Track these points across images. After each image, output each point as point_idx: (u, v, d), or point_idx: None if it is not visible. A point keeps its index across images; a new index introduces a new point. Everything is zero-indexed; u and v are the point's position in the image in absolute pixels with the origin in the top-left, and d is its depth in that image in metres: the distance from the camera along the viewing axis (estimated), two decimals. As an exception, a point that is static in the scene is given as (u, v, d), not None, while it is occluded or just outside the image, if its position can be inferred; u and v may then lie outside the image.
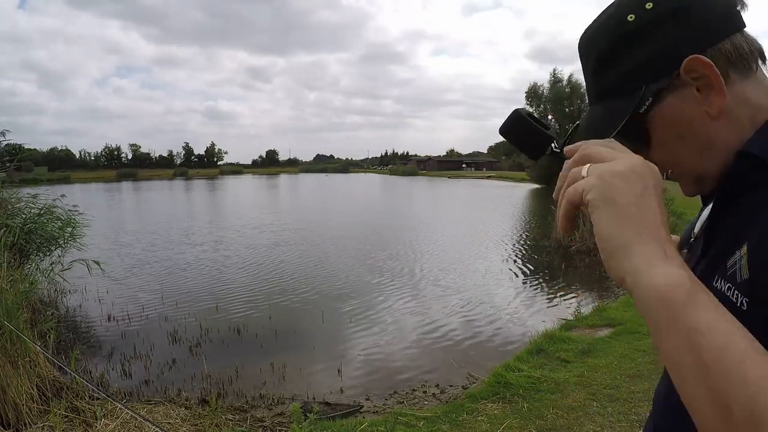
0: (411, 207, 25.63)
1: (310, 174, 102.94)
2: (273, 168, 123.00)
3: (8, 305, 3.65)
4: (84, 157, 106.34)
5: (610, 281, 8.37)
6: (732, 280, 0.50)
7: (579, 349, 4.66)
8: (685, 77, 0.55)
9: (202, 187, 49.42)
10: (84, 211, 7.53)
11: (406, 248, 12.05)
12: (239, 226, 16.82)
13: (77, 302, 7.53)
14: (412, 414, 3.66)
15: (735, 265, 0.50)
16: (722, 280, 0.52)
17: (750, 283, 0.47)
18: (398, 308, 7.23)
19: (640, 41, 0.57)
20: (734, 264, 0.51)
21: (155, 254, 11.72)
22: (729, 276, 0.51)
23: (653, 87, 0.57)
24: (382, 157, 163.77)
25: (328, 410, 4.07)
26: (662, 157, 0.60)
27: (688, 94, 0.56)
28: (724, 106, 0.54)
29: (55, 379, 3.86)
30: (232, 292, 8.16)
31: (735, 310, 0.46)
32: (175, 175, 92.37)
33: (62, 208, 7.06)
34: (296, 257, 11.14)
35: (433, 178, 64.60)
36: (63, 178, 67.69)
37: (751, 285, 0.47)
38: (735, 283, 0.50)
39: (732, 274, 0.51)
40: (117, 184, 61.08)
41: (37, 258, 6.43)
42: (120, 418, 3.51)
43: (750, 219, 0.51)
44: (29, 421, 3.32)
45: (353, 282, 8.84)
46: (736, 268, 0.50)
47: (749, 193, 0.53)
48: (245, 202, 29.96)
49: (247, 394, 4.54)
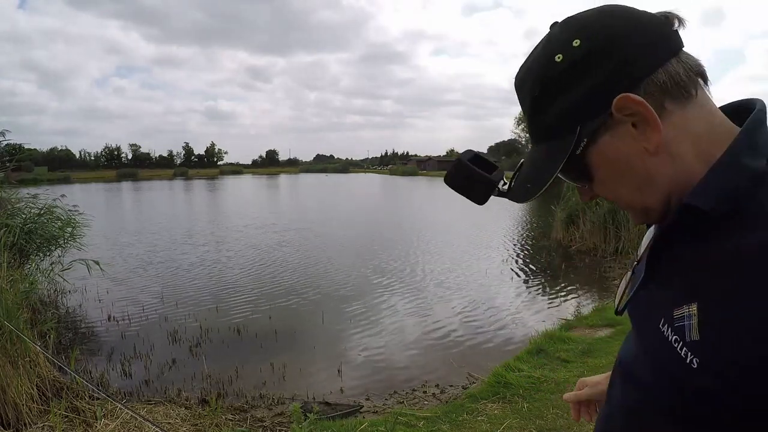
0: (411, 207, 25.63)
1: (310, 174, 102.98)
2: (273, 168, 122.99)
3: (8, 305, 3.66)
4: (84, 157, 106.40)
5: (610, 281, 8.37)
6: (680, 333, 0.51)
7: (579, 349, 4.66)
8: (618, 115, 0.54)
9: (201, 187, 49.43)
10: (84, 211, 7.54)
11: (406, 248, 12.05)
12: (240, 227, 16.82)
13: (77, 302, 7.53)
14: (412, 414, 3.66)
15: (684, 320, 0.51)
16: (669, 328, 0.53)
17: (701, 345, 0.48)
18: (398, 308, 7.23)
19: (570, 82, 0.56)
20: (683, 318, 0.51)
21: (155, 254, 11.72)
22: (677, 328, 0.52)
23: (588, 127, 0.56)
24: (382, 157, 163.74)
25: (328, 410, 4.07)
26: (603, 193, 0.60)
27: (624, 132, 0.55)
28: (661, 141, 0.53)
29: (55, 379, 3.86)
30: (232, 293, 8.16)
31: (683, 365, 0.49)
32: (175, 175, 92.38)
33: (62, 208, 7.07)
34: (296, 257, 11.13)
35: (433, 178, 64.58)
36: (63, 178, 67.69)
37: (702, 348, 0.48)
38: (683, 339, 0.50)
39: (680, 328, 0.51)
40: (117, 184, 61.08)
41: (37, 258, 6.43)
42: (120, 418, 3.51)
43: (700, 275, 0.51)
44: (29, 421, 3.33)
45: (353, 282, 8.84)
46: (684, 324, 0.51)
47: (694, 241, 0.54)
48: (245, 203, 29.97)
49: (247, 394, 4.54)
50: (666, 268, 0.58)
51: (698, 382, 0.48)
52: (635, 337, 0.64)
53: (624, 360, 0.67)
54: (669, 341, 0.52)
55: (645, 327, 0.60)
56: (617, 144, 0.55)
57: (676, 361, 0.50)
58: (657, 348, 0.54)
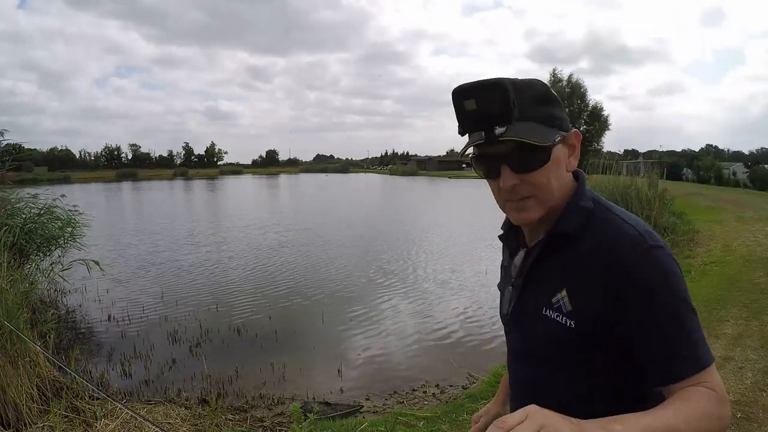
0: (410, 207, 25.62)
1: (310, 174, 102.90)
2: (273, 168, 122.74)
3: (8, 305, 3.65)
4: (84, 157, 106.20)
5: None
6: (559, 310, 0.86)
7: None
8: (569, 139, 0.88)
9: (201, 187, 49.41)
10: (84, 211, 7.53)
11: (407, 248, 12.05)
12: (241, 227, 16.83)
13: (77, 302, 7.53)
14: (412, 414, 3.66)
15: (559, 302, 0.86)
16: (550, 311, 0.88)
17: (572, 313, 0.85)
18: (398, 308, 7.23)
19: (557, 104, 0.88)
20: (558, 301, 0.86)
21: (155, 254, 11.72)
22: (556, 308, 0.87)
23: (561, 134, 0.86)
24: (382, 157, 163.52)
25: (328, 410, 4.07)
26: (544, 177, 0.85)
27: (566, 150, 0.88)
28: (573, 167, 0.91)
29: (55, 379, 3.86)
30: (232, 292, 8.16)
31: (565, 327, 0.85)
32: (175, 175, 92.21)
33: (62, 208, 7.05)
34: (296, 257, 11.14)
35: (433, 179, 64.56)
36: (63, 178, 67.58)
37: (573, 314, 0.84)
38: (562, 312, 0.86)
39: (558, 307, 0.86)
40: (117, 184, 61.06)
41: (37, 258, 6.42)
42: (120, 418, 3.50)
43: (564, 273, 0.87)
44: (29, 421, 3.32)
45: (353, 282, 8.84)
46: (561, 304, 0.86)
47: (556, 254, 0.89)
48: (245, 203, 29.96)
49: (247, 394, 4.54)
50: (538, 275, 0.92)
51: (576, 333, 0.84)
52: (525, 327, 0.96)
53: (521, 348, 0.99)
54: (553, 318, 0.87)
55: (534, 316, 0.91)
56: (562, 153, 0.88)
57: (560, 326, 0.86)
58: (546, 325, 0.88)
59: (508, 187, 0.84)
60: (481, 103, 0.80)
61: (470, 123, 0.83)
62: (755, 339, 4.21)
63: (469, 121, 0.83)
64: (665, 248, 0.83)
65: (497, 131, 0.81)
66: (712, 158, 38.47)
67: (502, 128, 0.80)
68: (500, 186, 0.85)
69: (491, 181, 0.89)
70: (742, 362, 3.77)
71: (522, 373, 1.01)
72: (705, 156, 43.77)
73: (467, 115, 0.82)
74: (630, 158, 41.85)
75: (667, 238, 9.30)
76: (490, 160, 0.86)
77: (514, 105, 0.80)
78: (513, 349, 1.05)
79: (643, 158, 42.05)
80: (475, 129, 0.84)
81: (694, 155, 50.51)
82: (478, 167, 0.90)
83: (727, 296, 5.51)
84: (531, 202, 0.86)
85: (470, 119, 0.82)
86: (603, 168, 11.53)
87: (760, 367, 3.66)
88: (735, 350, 4.01)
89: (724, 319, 4.75)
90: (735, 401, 3.19)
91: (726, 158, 64.80)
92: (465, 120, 0.83)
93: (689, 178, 34.39)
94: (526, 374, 0.99)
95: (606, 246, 0.82)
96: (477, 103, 0.80)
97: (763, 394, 3.27)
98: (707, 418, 0.73)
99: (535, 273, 0.92)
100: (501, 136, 0.81)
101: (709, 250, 8.24)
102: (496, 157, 0.84)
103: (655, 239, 0.83)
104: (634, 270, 0.79)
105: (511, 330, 1.05)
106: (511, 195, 0.86)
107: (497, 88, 0.79)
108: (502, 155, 0.83)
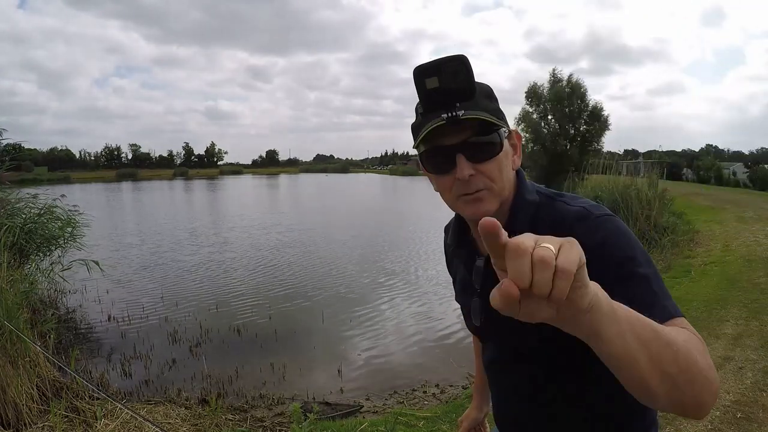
0: (410, 207, 25.61)
1: (310, 174, 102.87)
2: (273, 168, 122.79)
3: (8, 305, 3.65)
4: (84, 157, 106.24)
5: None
6: None
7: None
8: (512, 138, 0.91)
9: (202, 188, 49.39)
10: (84, 211, 7.53)
11: (407, 248, 12.05)
12: (241, 227, 16.83)
13: (77, 302, 7.53)
14: (412, 414, 3.66)
15: None
16: None
17: None
18: (398, 308, 7.23)
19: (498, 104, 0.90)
20: None
21: (155, 255, 11.72)
22: None
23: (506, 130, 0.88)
24: (382, 157, 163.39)
25: (328, 410, 4.07)
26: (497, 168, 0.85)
27: (511, 147, 0.90)
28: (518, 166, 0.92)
29: (55, 379, 3.86)
30: (232, 292, 8.16)
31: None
32: (175, 175, 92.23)
33: (62, 208, 7.05)
34: (296, 257, 11.13)
35: (433, 178, 64.56)
36: (63, 178, 67.59)
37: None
38: None
39: None
40: (117, 184, 61.04)
41: (37, 258, 6.41)
42: (120, 418, 3.50)
43: None
44: (29, 421, 3.32)
45: (353, 282, 8.84)
46: None
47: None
48: (245, 203, 29.96)
49: (247, 394, 4.53)
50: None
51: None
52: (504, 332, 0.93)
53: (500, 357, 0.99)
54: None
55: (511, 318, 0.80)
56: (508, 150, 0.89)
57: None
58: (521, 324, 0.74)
59: (465, 177, 0.83)
60: (444, 79, 0.78)
61: (432, 102, 0.81)
62: (755, 339, 4.20)
63: (431, 99, 0.81)
64: (613, 216, 0.85)
65: (459, 113, 0.80)
66: (712, 158, 38.48)
67: (461, 110, 0.80)
68: (456, 177, 0.84)
69: (442, 177, 0.87)
70: (742, 362, 3.77)
71: (508, 380, 1.01)
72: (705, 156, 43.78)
73: (429, 93, 0.80)
74: (630, 158, 41.81)
75: (667, 238, 9.30)
76: (444, 151, 0.84)
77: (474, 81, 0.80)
78: (492, 358, 1.04)
79: (643, 158, 42.02)
80: (437, 108, 0.81)
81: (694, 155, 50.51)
82: (428, 163, 0.89)
83: (727, 296, 5.51)
84: (485, 194, 0.85)
85: (432, 97, 0.80)
86: (603, 168, 11.54)
87: (760, 367, 3.66)
88: (735, 350, 4.01)
89: (724, 319, 4.75)
90: (735, 401, 3.19)
91: (726, 158, 64.78)
92: (427, 99, 0.81)
93: (689, 178, 34.38)
94: (513, 381, 0.99)
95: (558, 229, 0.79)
96: (440, 80, 0.79)
97: (763, 394, 3.26)
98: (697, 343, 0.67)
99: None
100: (464, 115, 0.80)
101: (709, 250, 8.24)
102: (450, 148, 0.83)
103: (601, 210, 0.85)
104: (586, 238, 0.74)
105: (487, 339, 1.04)
106: (465, 187, 0.84)
107: (459, 60, 0.78)
108: (457, 145, 0.83)
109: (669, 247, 8.89)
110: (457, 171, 0.83)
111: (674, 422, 3.01)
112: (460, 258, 1.05)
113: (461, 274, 1.05)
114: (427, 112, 0.84)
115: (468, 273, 1.00)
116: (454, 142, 0.83)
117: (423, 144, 0.87)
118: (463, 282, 1.05)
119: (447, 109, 0.80)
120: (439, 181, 0.89)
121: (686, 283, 6.44)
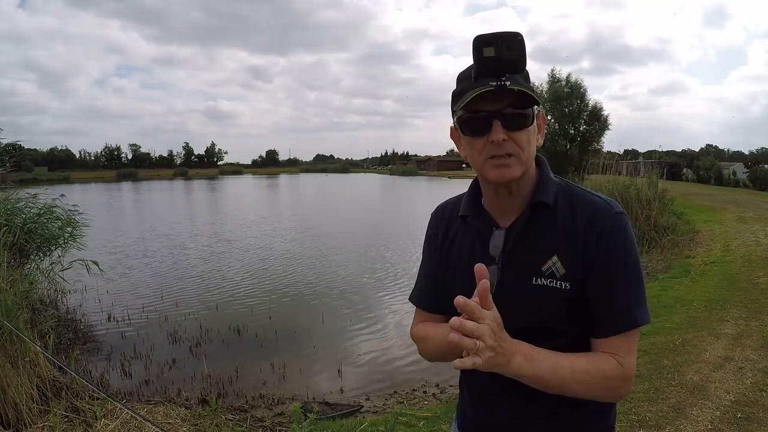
0: (410, 206, 25.60)
1: (310, 174, 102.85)
2: (273, 168, 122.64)
3: (8, 305, 3.65)
4: (84, 157, 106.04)
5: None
6: (552, 276, 0.94)
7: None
8: (539, 118, 0.97)
9: (202, 188, 49.38)
10: (84, 211, 7.52)
11: (407, 248, 12.04)
12: (241, 227, 16.82)
13: (77, 302, 7.53)
14: (412, 414, 3.66)
15: (551, 267, 0.94)
16: (542, 278, 0.95)
17: (566, 275, 0.94)
18: (398, 308, 7.22)
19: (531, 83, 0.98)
20: (550, 267, 0.95)
21: (155, 254, 11.72)
22: (548, 275, 0.95)
23: (538, 108, 0.96)
24: (382, 157, 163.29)
25: (328, 410, 4.07)
26: (526, 139, 0.94)
27: (537, 125, 0.97)
28: (540, 144, 0.99)
29: (55, 379, 3.85)
30: (232, 292, 8.16)
31: (561, 291, 0.93)
32: (175, 175, 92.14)
33: (62, 207, 7.04)
34: (296, 257, 11.14)
35: (433, 178, 64.55)
36: (63, 178, 67.59)
37: (567, 276, 0.94)
38: (555, 277, 0.94)
39: (551, 273, 0.94)
40: (117, 184, 61.02)
41: (37, 258, 6.41)
42: (120, 418, 3.50)
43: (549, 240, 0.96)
44: (29, 421, 3.32)
45: (353, 282, 8.84)
46: (553, 268, 0.94)
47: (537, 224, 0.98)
48: (245, 203, 29.95)
49: (247, 394, 4.54)
50: (521, 249, 0.98)
51: (570, 294, 0.93)
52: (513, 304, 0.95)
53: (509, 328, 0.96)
54: (546, 285, 0.94)
55: (523, 289, 0.96)
56: (535, 125, 0.97)
57: (556, 291, 0.94)
58: (540, 293, 0.95)
59: (498, 140, 0.91)
60: (499, 49, 0.88)
61: (487, 69, 0.90)
62: (755, 339, 4.21)
63: (486, 66, 0.90)
64: (626, 215, 0.98)
65: (507, 83, 0.89)
66: (712, 158, 38.41)
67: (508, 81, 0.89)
68: (491, 139, 0.92)
69: (476, 139, 0.95)
70: (742, 362, 3.77)
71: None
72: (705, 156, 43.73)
73: (485, 61, 0.89)
74: (630, 158, 41.81)
75: (667, 238, 9.31)
76: (482, 116, 0.92)
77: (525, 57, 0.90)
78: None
79: (643, 158, 42.03)
80: (490, 75, 0.90)
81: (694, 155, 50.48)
82: (465, 126, 0.96)
83: (727, 296, 5.51)
84: (513, 161, 0.93)
85: (488, 65, 0.89)
86: (603, 168, 11.53)
87: (760, 367, 3.67)
88: (735, 350, 4.01)
89: (724, 319, 4.75)
90: (735, 401, 3.19)
91: (726, 158, 64.70)
92: (482, 66, 0.90)
93: (689, 178, 34.30)
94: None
95: (582, 213, 0.95)
96: (496, 50, 0.88)
97: (763, 394, 3.26)
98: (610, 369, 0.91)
99: (518, 248, 0.98)
100: (511, 85, 0.89)
101: (709, 250, 8.24)
102: (489, 113, 0.91)
103: (618, 207, 0.97)
104: (606, 232, 0.93)
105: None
106: (497, 149, 0.92)
107: (516, 36, 0.88)
108: (495, 112, 0.91)
109: (669, 247, 8.89)
110: (492, 134, 0.92)
111: (674, 422, 3.01)
112: (474, 228, 1.04)
113: (468, 244, 1.05)
114: (477, 79, 0.92)
115: (482, 244, 1.01)
116: (492, 109, 0.91)
117: (463, 109, 0.94)
118: (470, 253, 1.03)
119: (497, 77, 0.89)
120: (472, 143, 0.96)
121: (686, 283, 6.44)
